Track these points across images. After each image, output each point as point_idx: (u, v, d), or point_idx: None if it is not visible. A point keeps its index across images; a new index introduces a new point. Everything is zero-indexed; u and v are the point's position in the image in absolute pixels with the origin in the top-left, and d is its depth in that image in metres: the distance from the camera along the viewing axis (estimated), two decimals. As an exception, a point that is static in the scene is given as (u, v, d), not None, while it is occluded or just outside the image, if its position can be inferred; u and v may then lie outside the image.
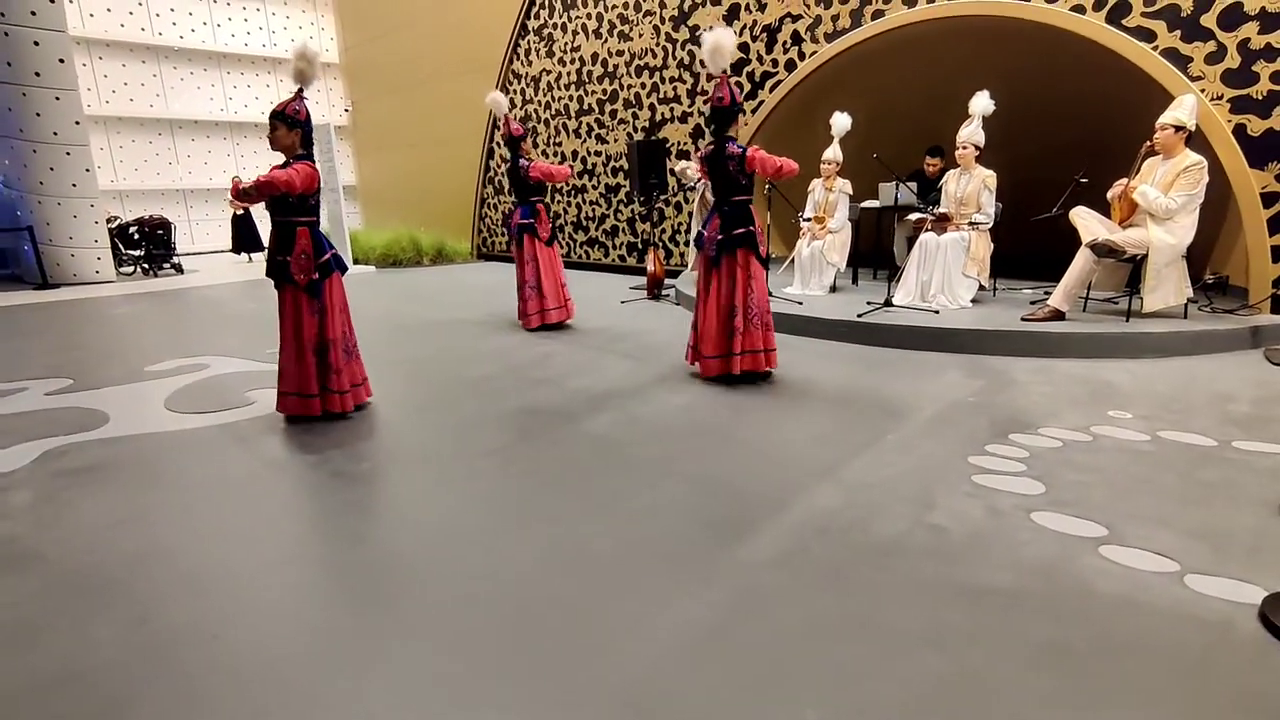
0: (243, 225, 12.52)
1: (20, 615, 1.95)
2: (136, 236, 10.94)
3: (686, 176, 6.97)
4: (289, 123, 3.34)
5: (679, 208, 8.67)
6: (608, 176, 9.64)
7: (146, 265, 10.99)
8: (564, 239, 10.45)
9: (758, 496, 2.55)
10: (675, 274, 8.16)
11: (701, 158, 3.94)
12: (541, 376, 4.32)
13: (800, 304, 5.58)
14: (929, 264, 5.34)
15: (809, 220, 6.31)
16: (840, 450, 2.96)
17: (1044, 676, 1.57)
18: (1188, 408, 3.34)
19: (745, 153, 3.72)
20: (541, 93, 10.34)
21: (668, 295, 7.24)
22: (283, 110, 3.34)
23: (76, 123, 9.52)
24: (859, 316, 5.02)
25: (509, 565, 2.14)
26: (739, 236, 3.84)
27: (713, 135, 3.87)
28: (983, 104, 5.22)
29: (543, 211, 5.77)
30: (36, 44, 9.05)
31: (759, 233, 3.90)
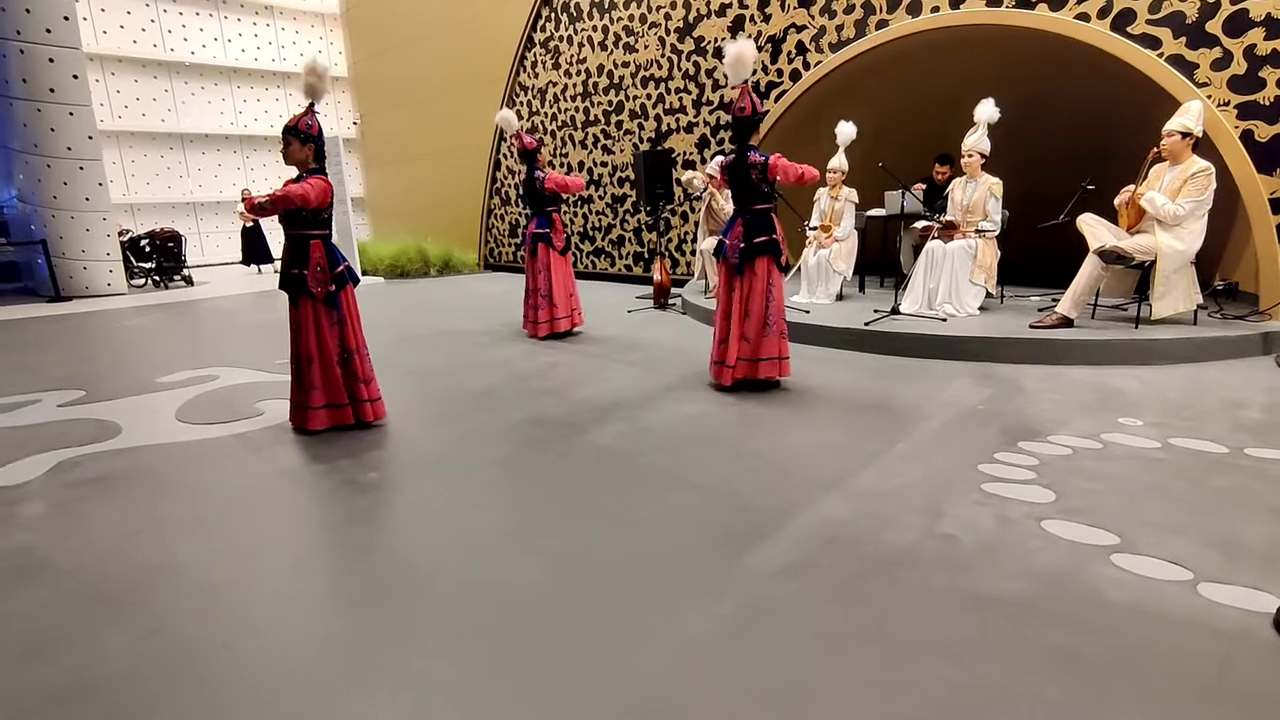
0: (252, 237, 12.64)
1: (34, 626, 1.96)
2: (148, 249, 11.07)
3: (693, 186, 6.98)
4: (302, 138, 3.39)
5: (685, 217, 8.70)
6: (614, 187, 9.69)
7: (157, 277, 11.10)
8: (571, 249, 10.48)
9: (767, 506, 2.54)
10: (681, 283, 8.18)
11: (723, 166, 3.97)
12: (549, 386, 4.33)
13: (807, 312, 5.58)
14: (936, 272, 5.34)
15: (815, 229, 6.33)
16: (849, 459, 2.95)
17: (1057, 686, 1.56)
18: (1199, 415, 3.32)
19: (767, 160, 3.75)
20: (548, 104, 10.42)
21: (674, 304, 7.26)
22: (295, 125, 3.38)
23: (90, 138, 9.66)
24: (866, 325, 5.01)
25: (518, 575, 2.15)
26: (761, 244, 3.86)
27: (735, 144, 3.90)
28: (988, 111, 5.23)
29: (558, 221, 5.82)
30: (51, 61, 9.19)
31: (782, 240, 3.92)
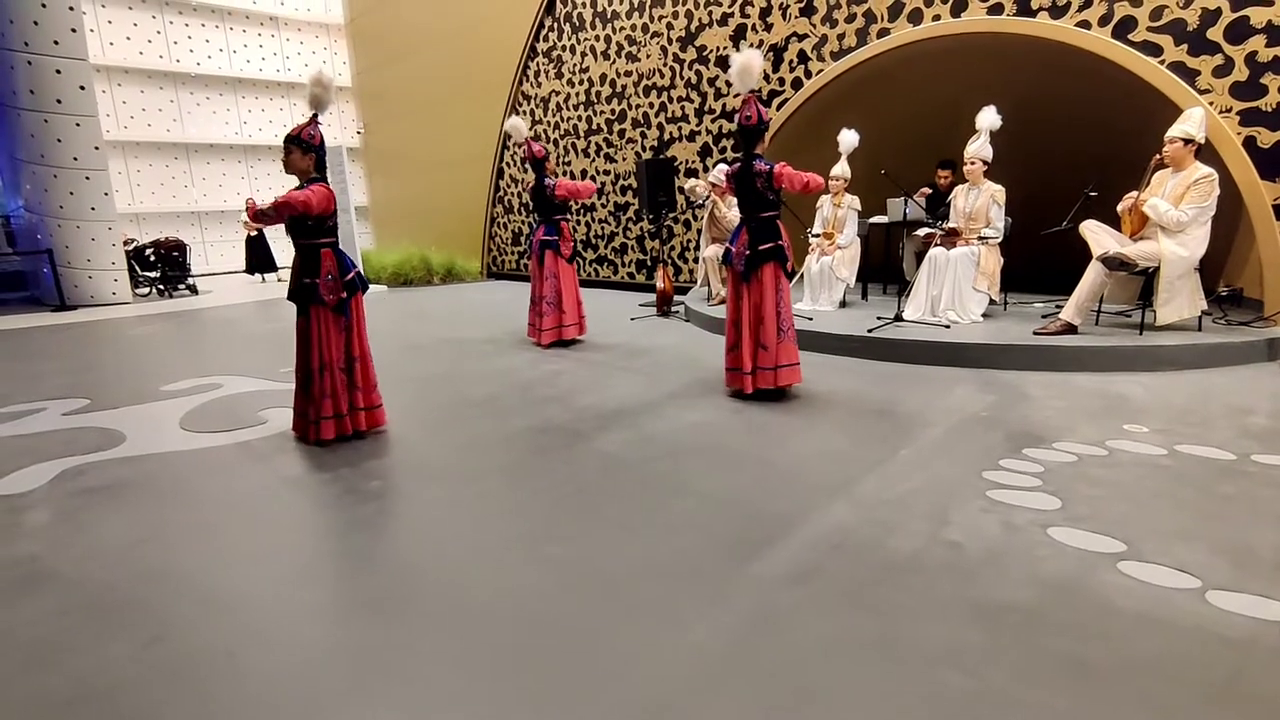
0: (257, 246, 12.69)
1: (38, 634, 1.96)
2: (152, 258, 11.12)
3: (695, 194, 7.01)
4: (303, 147, 3.40)
5: (688, 225, 8.72)
6: (616, 195, 9.72)
7: (162, 286, 11.15)
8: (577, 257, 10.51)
9: (772, 513, 2.53)
10: (684, 290, 8.19)
11: (729, 174, 3.99)
12: (552, 394, 4.33)
13: (810, 319, 5.58)
14: (939, 279, 5.34)
15: (818, 236, 6.34)
16: (854, 466, 2.94)
17: (1065, 694, 1.55)
18: (1204, 421, 3.31)
19: (773, 169, 3.77)
20: (551, 113, 10.47)
21: (677, 312, 7.26)
22: (298, 134, 3.40)
23: (96, 148, 9.72)
24: (869, 332, 5.01)
25: (522, 584, 2.14)
26: (767, 250, 3.87)
27: (741, 152, 3.93)
28: (990, 119, 5.24)
29: (566, 229, 5.83)
30: (58, 72, 9.27)
31: (787, 246, 3.92)
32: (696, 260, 8.21)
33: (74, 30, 9.39)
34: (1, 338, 7.57)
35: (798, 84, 7.26)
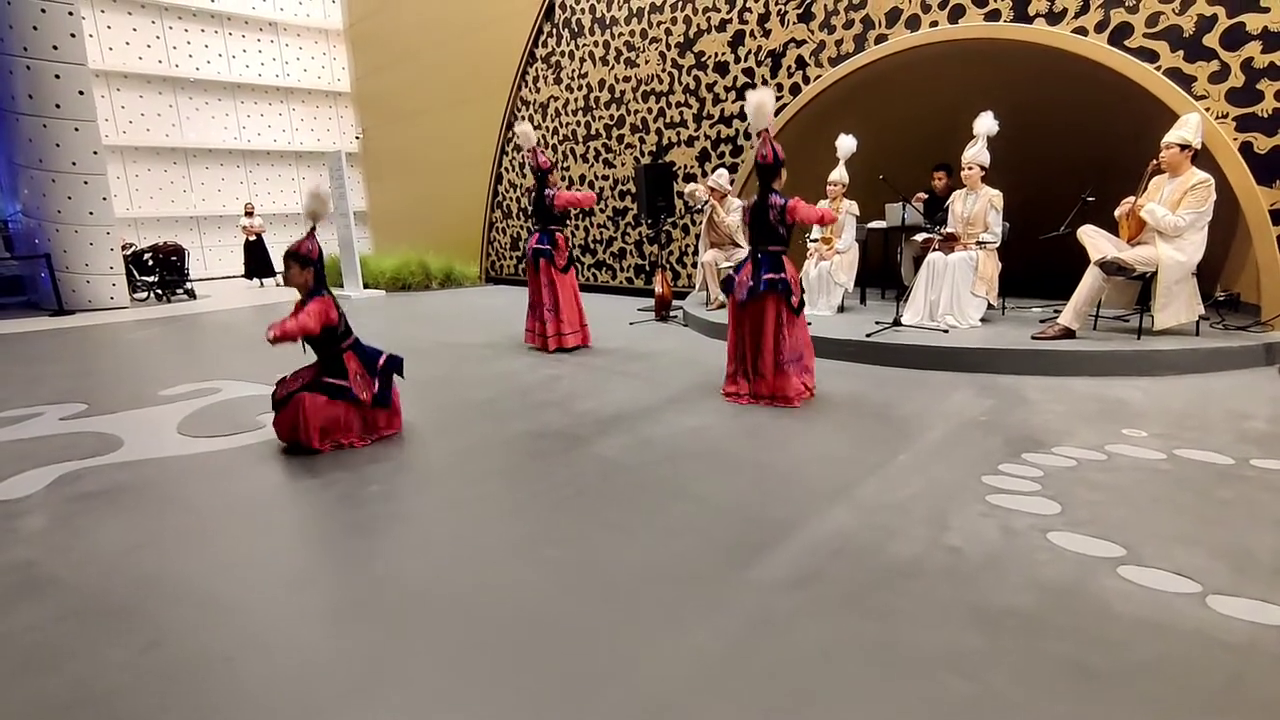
0: (255, 251, 12.69)
1: (36, 640, 1.95)
2: (151, 263, 11.12)
3: (695, 198, 7.02)
4: (302, 262, 3.45)
5: (686, 230, 8.74)
6: (615, 200, 9.74)
7: (160, 291, 11.14)
8: (573, 266, 10.54)
9: (771, 518, 2.53)
10: (683, 295, 8.20)
11: (745, 209, 4.06)
12: (551, 398, 4.33)
13: (809, 324, 5.57)
14: (937, 283, 5.35)
15: (816, 241, 6.35)
16: (853, 471, 2.94)
17: (1066, 699, 1.55)
18: (1203, 425, 3.31)
19: (787, 203, 3.86)
20: (549, 119, 10.50)
21: (676, 316, 7.27)
22: (296, 250, 3.45)
23: (94, 153, 9.73)
24: (868, 336, 5.02)
25: (521, 587, 2.13)
26: (770, 282, 3.91)
27: (758, 188, 3.99)
28: (987, 124, 5.26)
29: (561, 239, 5.81)
30: (58, 77, 9.29)
31: (792, 281, 3.94)
32: (695, 265, 8.23)
33: (73, 35, 9.42)
34: (-1, 342, 7.56)
35: (796, 89, 7.29)
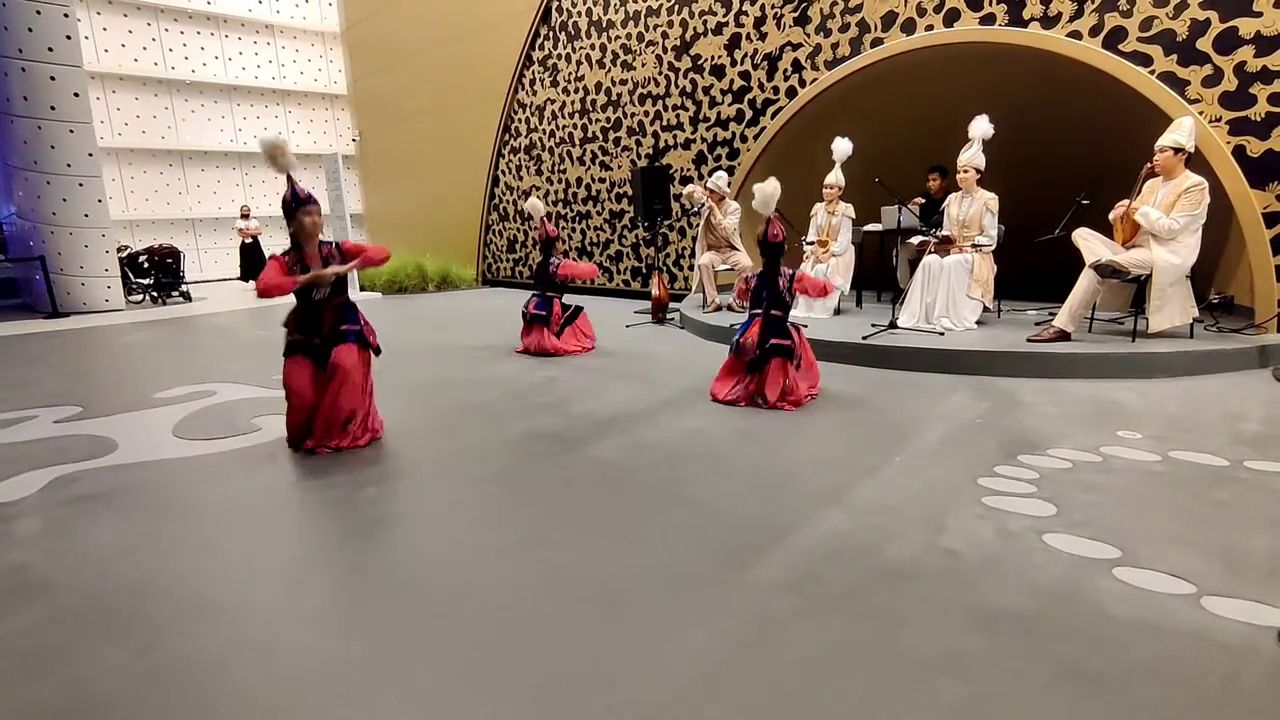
0: (251, 253, 12.67)
1: (31, 643, 1.94)
2: (146, 265, 11.08)
3: (693, 200, 7.03)
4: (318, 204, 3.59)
5: (682, 233, 8.75)
6: (611, 203, 9.75)
7: (155, 293, 11.10)
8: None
9: (767, 521, 2.53)
10: (679, 297, 8.21)
11: (750, 278, 4.26)
12: (547, 401, 4.33)
13: (805, 327, 5.56)
14: (933, 286, 5.36)
15: (812, 244, 6.36)
16: (849, 473, 2.95)
17: (1063, 701, 1.55)
18: (1198, 427, 3.33)
19: (794, 275, 4.16)
20: (546, 121, 10.51)
21: (673, 319, 7.27)
22: (310, 195, 3.54)
23: (90, 155, 9.69)
24: (864, 339, 5.03)
25: (517, 592, 2.13)
26: (775, 347, 4.00)
27: (765, 262, 4.17)
28: (982, 128, 5.28)
29: (557, 306, 5.86)
30: (53, 79, 9.25)
31: (799, 345, 4.10)
32: (692, 267, 8.24)
33: (68, 37, 9.39)
34: (-7, 345, 7.52)
35: (792, 93, 7.31)
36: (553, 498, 2.85)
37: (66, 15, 9.36)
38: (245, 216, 12.94)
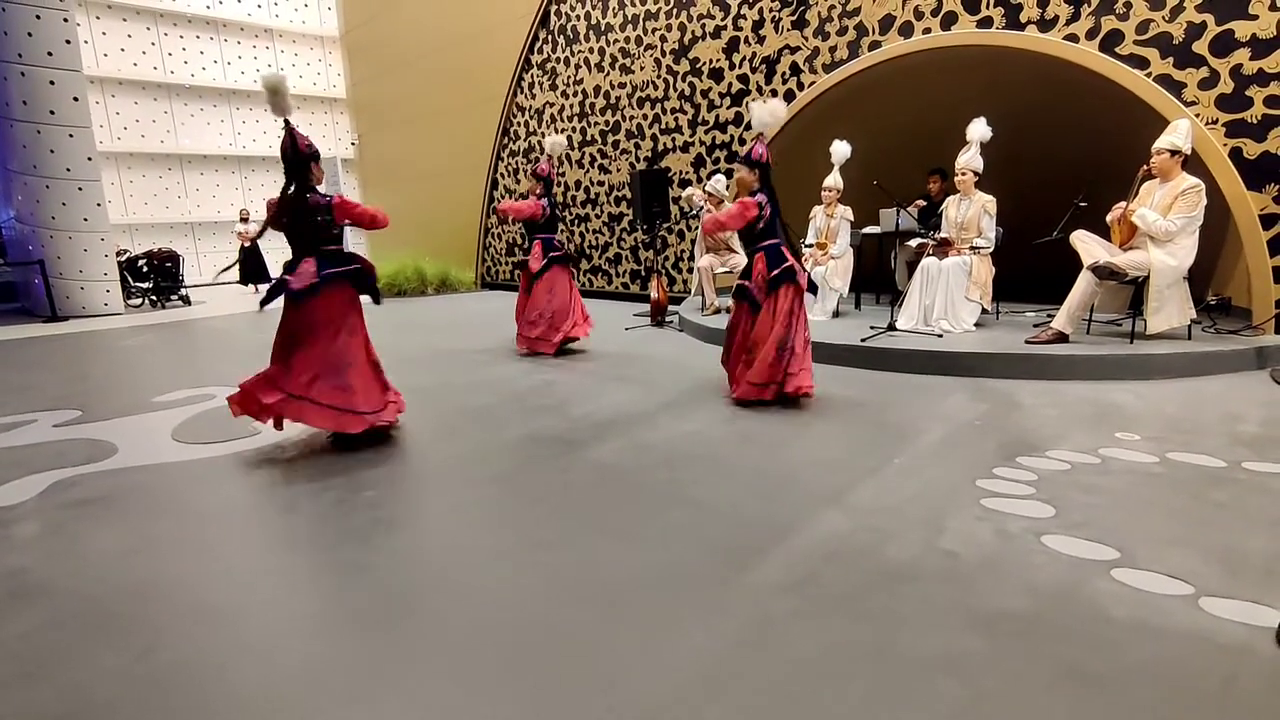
0: (251, 257, 12.66)
1: (30, 647, 1.94)
2: (145, 269, 11.08)
3: (692, 203, 7.04)
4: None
5: (681, 235, 8.76)
6: (610, 206, 9.76)
7: (154, 297, 11.10)
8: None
9: (767, 522, 2.54)
10: (678, 300, 8.22)
11: (760, 205, 4.10)
12: (547, 404, 4.33)
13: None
14: (931, 288, 5.37)
15: (811, 246, 6.38)
16: (848, 474, 2.95)
17: (1062, 702, 1.56)
18: (1196, 429, 3.33)
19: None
20: (545, 125, 10.52)
21: (671, 322, 7.28)
22: (311, 145, 3.65)
23: (89, 159, 9.70)
24: (863, 341, 5.04)
25: (517, 594, 2.13)
26: (788, 270, 3.98)
27: (762, 187, 4.06)
28: (980, 130, 5.30)
29: (537, 247, 5.90)
30: (52, 83, 9.27)
31: (798, 271, 4.04)
32: (691, 270, 8.25)
33: (68, 42, 9.40)
34: (-8, 349, 7.52)
35: (790, 96, 7.32)
36: (553, 499, 2.86)
37: (66, 20, 9.38)
38: (244, 220, 12.94)
